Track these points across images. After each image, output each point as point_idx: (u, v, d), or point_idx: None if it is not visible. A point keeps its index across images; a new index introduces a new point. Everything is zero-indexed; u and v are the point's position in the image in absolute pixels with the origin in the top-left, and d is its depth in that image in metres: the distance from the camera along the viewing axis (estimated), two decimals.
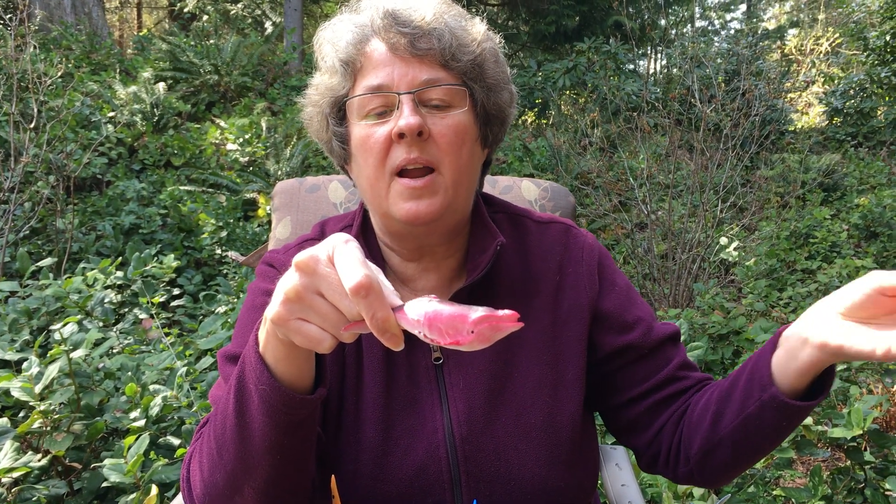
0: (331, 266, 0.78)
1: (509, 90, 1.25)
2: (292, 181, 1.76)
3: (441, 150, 1.12)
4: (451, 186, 1.14)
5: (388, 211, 1.15)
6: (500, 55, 1.24)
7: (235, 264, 5.76)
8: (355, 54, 1.15)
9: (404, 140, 1.10)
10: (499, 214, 1.33)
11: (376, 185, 1.15)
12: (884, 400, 3.05)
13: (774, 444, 1.08)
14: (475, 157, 1.21)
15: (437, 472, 1.15)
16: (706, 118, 6.10)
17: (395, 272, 1.27)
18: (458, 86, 1.15)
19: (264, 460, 0.95)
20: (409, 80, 1.12)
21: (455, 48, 1.14)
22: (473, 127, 1.18)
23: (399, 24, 1.12)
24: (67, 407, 2.35)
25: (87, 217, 6.53)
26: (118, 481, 1.98)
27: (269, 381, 0.90)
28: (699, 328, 4.07)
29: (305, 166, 8.44)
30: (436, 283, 1.26)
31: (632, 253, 6.32)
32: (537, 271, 1.26)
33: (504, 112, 1.25)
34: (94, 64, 10.10)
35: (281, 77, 11.23)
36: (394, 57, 1.13)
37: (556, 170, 8.66)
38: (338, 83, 1.18)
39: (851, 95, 11.60)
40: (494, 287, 1.24)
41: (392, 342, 0.77)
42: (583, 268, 1.27)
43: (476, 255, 1.23)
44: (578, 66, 11.45)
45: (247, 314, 1.23)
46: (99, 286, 3.49)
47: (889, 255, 6.93)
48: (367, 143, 1.14)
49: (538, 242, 1.29)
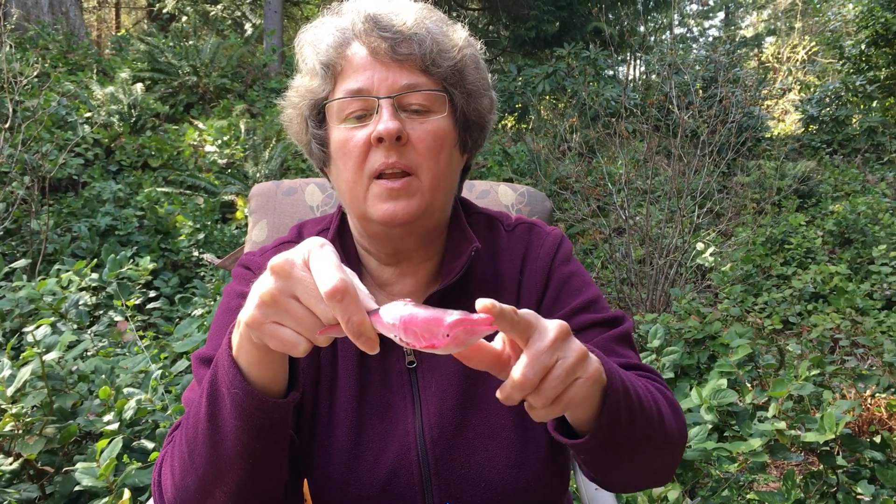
0: (306, 270, 0.78)
1: (489, 96, 1.25)
2: (269, 184, 1.76)
3: (420, 155, 1.13)
4: (429, 191, 1.14)
5: (366, 212, 1.15)
6: (480, 61, 1.24)
7: (212, 267, 5.73)
8: (336, 57, 1.15)
9: (383, 144, 1.11)
10: (475, 216, 1.34)
11: (354, 187, 1.15)
12: (856, 405, 3.08)
13: (635, 451, 1.02)
14: (454, 163, 1.21)
15: (407, 476, 1.15)
16: (684, 124, 6.15)
17: (372, 276, 1.27)
18: (438, 91, 1.15)
19: (236, 464, 0.95)
20: (389, 85, 1.12)
21: (436, 53, 1.14)
22: (452, 132, 1.19)
23: (380, 29, 1.12)
24: (40, 410, 2.33)
25: (62, 218, 6.47)
26: (91, 485, 1.96)
27: (242, 384, 0.89)
28: (675, 333, 4.09)
29: (284, 169, 8.41)
30: (412, 288, 1.26)
31: (609, 258, 6.35)
32: (504, 273, 1.27)
33: (484, 118, 1.25)
34: (70, 64, 10.01)
35: (260, 79, 11.19)
36: (374, 61, 1.13)
37: (535, 174, 8.69)
38: (318, 86, 1.18)
39: (827, 103, 11.73)
40: (467, 291, 1.24)
41: (367, 346, 0.77)
42: (538, 265, 1.27)
43: (452, 259, 1.23)
44: (558, 71, 11.51)
45: (221, 316, 1.23)
46: (73, 288, 3.45)
47: (863, 261, 7.01)
48: (346, 146, 1.14)
49: (507, 245, 1.30)
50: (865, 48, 11.35)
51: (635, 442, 0.99)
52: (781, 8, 24.01)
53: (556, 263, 1.28)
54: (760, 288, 6.66)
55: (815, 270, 6.60)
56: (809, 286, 6.36)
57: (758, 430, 2.46)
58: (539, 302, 1.25)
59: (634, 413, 0.97)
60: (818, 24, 16.71)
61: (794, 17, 22.15)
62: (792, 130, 13.03)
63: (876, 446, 2.55)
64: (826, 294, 6.34)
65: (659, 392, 1.12)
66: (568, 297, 1.25)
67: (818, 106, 11.73)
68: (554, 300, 1.25)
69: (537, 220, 1.37)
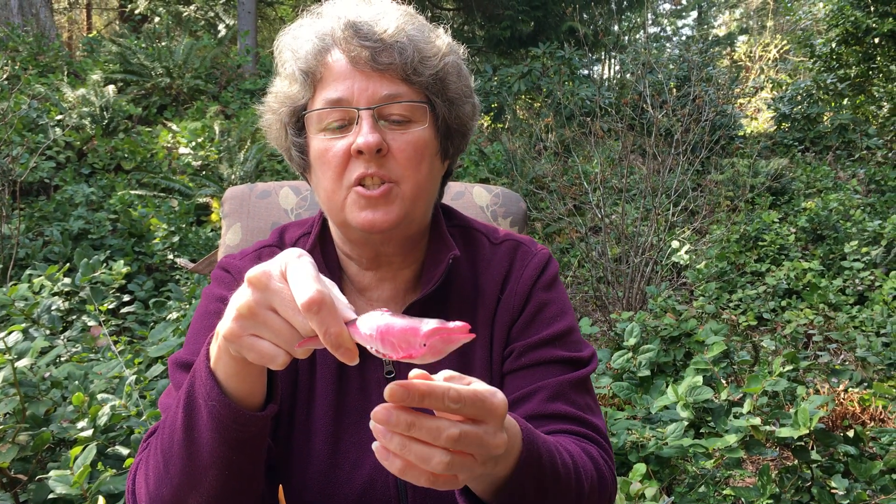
0: (283, 281, 0.77)
1: (472, 103, 1.24)
2: (242, 187, 1.74)
3: (400, 165, 1.12)
4: (410, 199, 1.13)
5: (346, 220, 1.14)
6: (463, 68, 1.22)
7: (188, 271, 5.69)
8: (315, 65, 1.14)
9: (363, 156, 1.10)
10: (455, 228, 1.32)
11: (333, 196, 1.14)
12: (829, 400, 3.12)
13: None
14: (434, 171, 1.20)
15: (383, 487, 1.15)
16: (658, 123, 6.20)
17: (352, 281, 1.27)
18: (419, 103, 1.14)
19: (212, 475, 0.94)
20: (370, 96, 1.11)
21: (417, 62, 1.13)
22: (434, 142, 1.18)
23: (360, 37, 1.11)
24: (12, 417, 2.30)
25: (34, 222, 6.39)
26: (64, 493, 1.93)
27: (220, 397, 0.88)
28: (652, 330, 4.12)
29: (260, 170, 8.37)
30: (391, 294, 1.26)
31: (586, 256, 6.39)
32: (485, 286, 1.26)
33: (466, 125, 1.24)
34: (41, 66, 9.90)
35: (234, 80, 11.12)
36: (354, 70, 1.12)
37: (511, 174, 8.72)
38: (297, 92, 1.16)
39: (799, 101, 11.86)
40: (447, 300, 1.23)
41: (347, 357, 0.76)
42: (519, 285, 1.26)
43: (431, 267, 1.22)
44: (533, 71, 11.55)
45: (199, 320, 1.21)
46: (46, 293, 3.41)
47: (835, 257, 7.10)
48: (325, 156, 1.13)
49: (489, 261, 1.29)
50: (836, 46, 11.48)
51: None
52: (753, 7, 24.25)
53: (538, 287, 1.26)
54: (735, 285, 6.73)
55: (788, 267, 6.67)
56: (783, 282, 6.43)
57: (733, 426, 2.48)
58: (512, 323, 1.24)
59: (545, 489, 0.95)
60: (789, 23, 16.90)
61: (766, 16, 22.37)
62: (764, 128, 13.15)
63: (849, 440, 2.58)
64: (799, 290, 6.41)
65: (589, 461, 1.09)
66: (540, 326, 1.24)
67: (790, 104, 11.86)
68: (526, 325, 1.24)
69: (527, 237, 1.35)
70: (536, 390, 1.18)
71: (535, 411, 1.16)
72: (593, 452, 1.14)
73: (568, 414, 1.17)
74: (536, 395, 1.18)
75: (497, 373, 1.23)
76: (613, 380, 3.06)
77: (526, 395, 1.18)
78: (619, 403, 3.43)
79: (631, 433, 2.55)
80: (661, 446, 2.46)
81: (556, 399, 1.17)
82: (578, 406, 1.19)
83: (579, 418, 1.18)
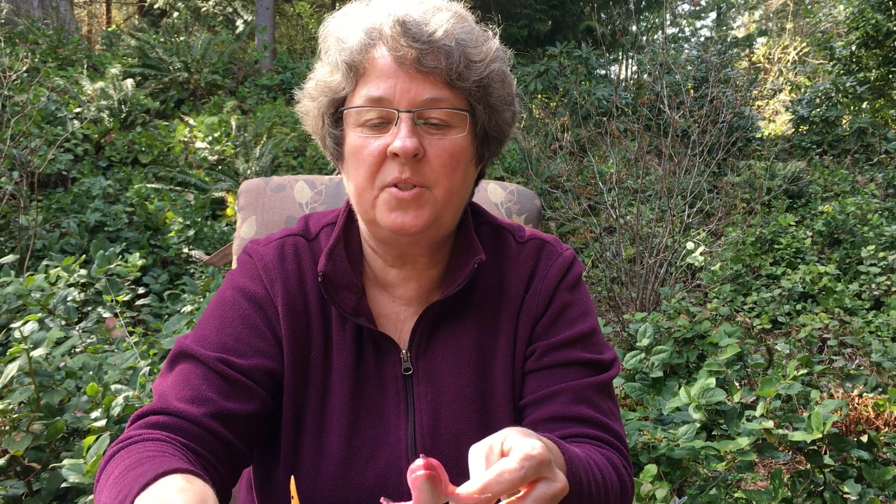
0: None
1: (512, 110, 1.22)
2: (257, 180, 1.75)
3: (435, 171, 1.10)
4: (441, 204, 1.12)
5: (374, 219, 1.13)
6: (508, 74, 1.20)
7: (202, 263, 5.71)
8: (360, 59, 1.11)
9: (398, 159, 1.09)
10: (483, 226, 1.31)
11: (364, 194, 1.13)
12: (843, 405, 3.09)
13: None
14: (468, 177, 1.19)
15: (396, 483, 1.14)
16: (675, 124, 6.17)
17: (376, 277, 1.26)
18: (461, 111, 1.13)
19: None
20: (411, 98, 1.09)
21: (463, 67, 1.10)
22: (470, 148, 1.17)
23: (409, 37, 1.08)
24: (27, 406, 2.32)
25: (51, 214, 6.44)
26: (77, 482, 1.95)
27: None
28: (665, 332, 4.11)
29: (275, 165, 8.39)
30: (416, 292, 1.25)
31: (600, 257, 6.37)
32: (509, 286, 1.25)
33: (504, 132, 1.23)
34: (60, 59, 9.96)
35: (251, 75, 11.16)
36: (399, 70, 1.10)
37: (525, 173, 8.70)
38: (338, 83, 1.15)
39: (817, 104, 11.78)
40: (470, 301, 1.23)
41: None
42: (544, 285, 1.25)
43: (456, 269, 1.21)
44: (550, 70, 11.53)
45: (214, 306, 1.21)
46: (62, 284, 3.43)
47: (851, 261, 7.05)
48: (360, 153, 1.12)
49: (515, 259, 1.28)
50: (856, 49, 11.39)
51: None
52: (773, 9, 24.08)
53: (562, 287, 1.26)
54: (750, 287, 6.69)
55: (804, 270, 6.63)
56: (798, 286, 6.39)
57: (746, 429, 2.47)
58: (536, 322, 1.24)
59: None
60: (809, 25, 16.77)
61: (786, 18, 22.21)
62: (782, 131, 13.07)
63: (863, 445, 2.56)
64: (815, 294, 6.37)
65: (612, 472, 1.11)
66: (563, 326, 1.23)
67: (808, 107, 11.78)
68: (549, 325, 1.23)
69: (552, 237, 1.34)
70: (559, 392, 1.18)
71: (558, 413, 1.16)
72: (616, 462, 1.14)
73: (590, 418, 1.17)
74: (559, 397, 1.18)
75: (518, 371, 1.23)
76: (626, 380, 3.05)
77: (548, 395, 1.18)
78: (631, 404, 3.42)
79: (642, 434, 2.54)
80: (673, 448, 2.45)
81: (579, 402, 1.17)
82: (601, 411, 1.19)
83: (601, 423, 1.18)
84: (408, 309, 1.24)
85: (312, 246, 1.25)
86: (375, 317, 1.22)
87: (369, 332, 1.19)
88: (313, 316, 1.20)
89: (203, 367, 1.11)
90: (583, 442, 1.13)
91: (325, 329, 1.20)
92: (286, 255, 1.23)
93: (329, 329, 1.20)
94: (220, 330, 1.16)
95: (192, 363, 1.12)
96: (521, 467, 0.76)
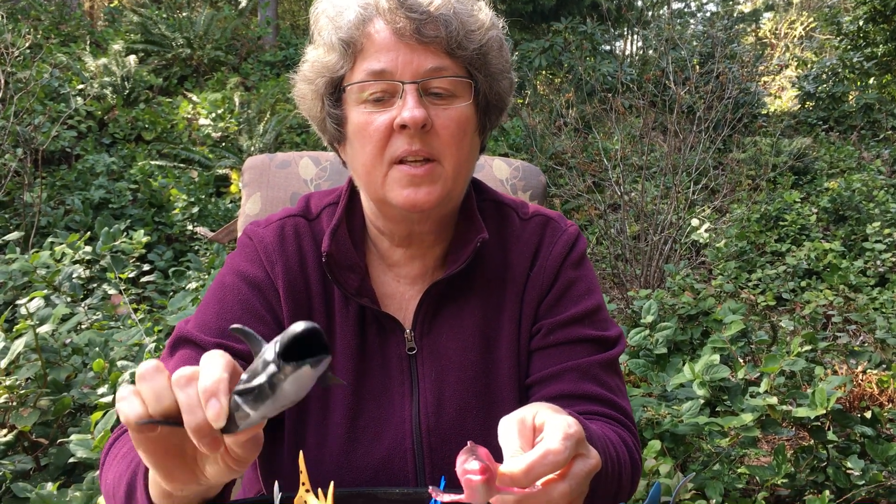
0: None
1: (510, 78, 1.21)
2: (262, 157, 1.74)
3: (443, 142, 1.09)
4: (451, 177, 1.11)
5: (385, 197, 1.11)
6: (504, 43, 1.19)
7: (206, 240, 5.72)
8: (357, 35, 1.09)
9: (406, 131, 1.07)
10: (486, 202, 1.30)
11: (373, 171, 1.11)
12: (847, 381, 3.10)
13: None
14: (474, 147, 1.18)
15: (401, 463, 1.15)
16: (680, 100, 6.14)
17: (382, 257, 1.24)
18: (464, 78, 1.12)
19: None
20: (414, 69, 1.08)
21: (462, 36, 1.09)
22: (474, 117, 1.15)
23: (406, 9, 1.07)
24: (34, 382, 2.33)
25: (55, 191, 6.44)
26: (85, 457, 1.96)
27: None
28: (669, 309, 4.11)
29: (279, 143, 8.38)
30: (420, 271, 1.23)
31: (604, 234, 6.36)
32: (514, 263, 1.24)
33: (504, 101, 1.22)
34: (63, 35, 9.92)
35: (254, 52, 11.11)
36: (398, 42, 1.08)
37: (530, 150, 8.67)
38: (335, 62, 1.12)
39: (824, 80, 11.70)
40: (474, 278, 1.22)
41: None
42: (549, 262, 1.24)
43: (459, 247, 1.20)
44: (555, 46, 11.45)
45: (215, 291, 1.20)
46: (67, 261, 3.44)
47: (857, 238, 7.03)
48: (366, 130, 1.10)
49: (518, 236, 1.26)
50: (863, 24, 11.29)
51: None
52: None
53: (567, 264, 1.25)
54: (754, 264, 6.69)
55: (808, 247, 6.62)
56: (803, 263, 6.38)
57: (749, 405, 2.48)
58: (541, 300, 1.23)
59: (596, 487, 0.93)
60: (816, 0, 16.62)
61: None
62: (788, 107, 12.99)
63: (866, 422, 2.57)
64: (819, 271, 6.36)
65: (625, 449, 1.10)
66: (568, 303, 1.22)
67: (815, 82, 11.70)
68: (554, 302, 1.22)
69: (556, 213, 1.32)
70: (566, 370, 1.17)
71: (566, 391, 1.16)
72: (626, 439, 1.14)
73: (598, 395, 1.17)
74: (566, 375, 1.17)
75: (524, 349, 1.22)
76: (630, 357, 3.06)
77: (555, 374, 1.18)
78: (636, 380, 3.43)
79: (646, 410, 2.55)
80: (677, 423, 2.45)
81: (587, 380, 1.17)
82: (608, 388, 1.19)
83: (609, 401, 1.17)
84: (411, 288, 1.23)
85: (313, 226, 1.23)
86: (379, 297, 1.21)
87: (372, 312, 1.18)
88: (315, 297, 1.19)
89: (203, 353, 1.11)
90: (592, 419, 1.12)
91: (328, 310, 1.19)
92: (286, 237, 1.21)
93: (332, 310, 1.19)
94: (219, 315, 1.15)
95: (192, 349, 1.12)
96: (565, 448, 0.74)
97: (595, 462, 0.80)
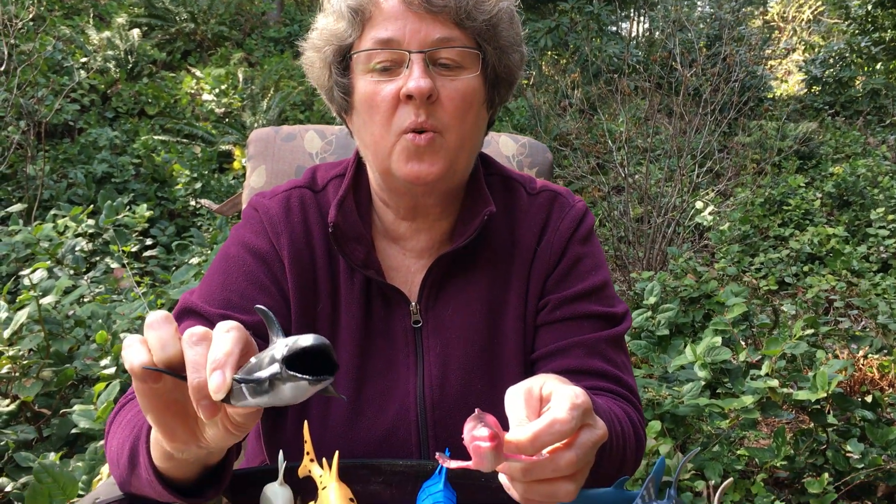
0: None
1: (520, 52, 1.19)
2: (268, 129, 1.74)
3: (448, 114, 1.08)
4: (454, 150, 1.10)
5: (390, 168, 1.11)
6: (515, 15, 1.18)
7: (209, 215, 5.72)
8: (365, 3, 1.09)
9: (412, 102, 1.06)
10: (494, 177, 1.29)
11: (380, 142, 1.10)
12: (848, 365, 3.10)
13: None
14: (480, 121, 1.17)
15: (405, 436, 1.15)
16: (686, 83, 6.10)
17: (387, 230, 1.24)
18: (472, 49, 1.10)
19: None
20: (422, 38, 1.07)
21: (472, 6, 1.08)
22: (482, 90, 1.14)
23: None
24: (37, 353, 2.34)
25: (58, 164, 6.44)
26: (87, 427, 1.97)
27: (158, 482, 0.88)
28: (672, 291, 4.11)
29: (282, 119, 8.35)
30: (426, 244, 1.23)
31: (608, 215, 6.35)
32: (521, 237, 1.24)
33: (513, 74, 1.20)
34: (66, 7, 9.86)
35: (259, 27, 11.05)
36: (406, 10, 1.07)
37: (535, 130, 8.64)
38: (343, 30, 1.12)
39: (831, 64, 11.62)
40: (479, 253, 1.21)
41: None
42: (556, 237, 1.24)
43: (466, 220, 1.19)
44: (561, 26, 11.38)
45: (219, 261, 1.20)
46: (70, 234, 3.44)
47: (860, 223, 7.02)
48: (373, 100, 1.09)
49: (526, 211, 1.26)
50: (872, 9, 11.21)
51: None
52: None
53: (574, 240, 1.24)
54: (757, 248, 6.68)
55: (812, 232, 6.61)
56: (806, 247, 6.37)
57: (750, 387, 2.48)
58: (548, 275, 1.23)
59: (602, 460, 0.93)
60: None
61: None
62: (795, 91, 12.91)
63: (867, 405, 2.58)
64: (822, 256, 6.35)
65: (630, 425, 1.10)
66: (575, 279, 1.22)
67: (822, 67, 11.63)
68: (562, 278, 1.22)
69: (564, 188, 1.32)
70: (572, 345, 1.17)
71: (572, 367, 1.15)
72: (632, 416, 1.14)
73: (604, 371, 1.17)
74: (573, 351, 1.17)
75: (530, 324, 1.22)
76: (632, 338, 3.06)
77: (561, 349, 1.18)
78: (637, 361, 3.44)
79: (647, 391, 2.55)
80: (677, 405, 2.46)
81: (593, 355, 1.17)
82: (615, 364, 1.18)
83: (615, 377, 1.17)
84: (418, 261, 1.23)
85: (319, 198, 1.23)
86: (385, 269, 1.20)
87: (378, 284, 1.18)
88: (320, 269, 1.19)
89: (208, 324, 1.10)
90: (598, 395, 1.12)
91: (333, 282, 1.19)
92: (292, 208, 1.21)
93: (337, 282, 1.19)
94: (224, 286, 1.15)
95: (196, 319, 1.11)
96: (572, 417, 0.73)
97: (602, 433, 0.79)
